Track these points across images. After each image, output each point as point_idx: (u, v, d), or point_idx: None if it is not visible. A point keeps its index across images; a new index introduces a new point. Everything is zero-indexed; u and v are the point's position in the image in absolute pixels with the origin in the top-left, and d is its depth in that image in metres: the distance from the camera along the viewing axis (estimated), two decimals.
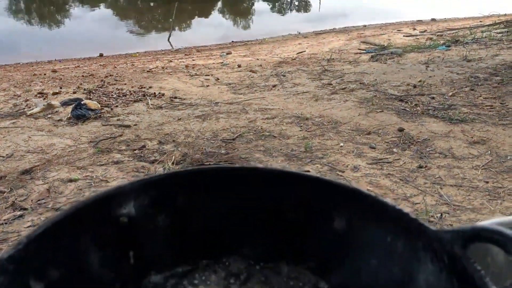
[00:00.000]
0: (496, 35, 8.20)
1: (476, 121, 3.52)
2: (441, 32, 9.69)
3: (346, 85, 4.81)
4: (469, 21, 11.70)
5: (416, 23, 11.59)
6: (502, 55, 5.66)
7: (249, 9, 15.32)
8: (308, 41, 9.42)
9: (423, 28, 10.59)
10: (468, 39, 7.72)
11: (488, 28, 9.78)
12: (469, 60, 5.52)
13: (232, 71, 6.22)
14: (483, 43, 7.01)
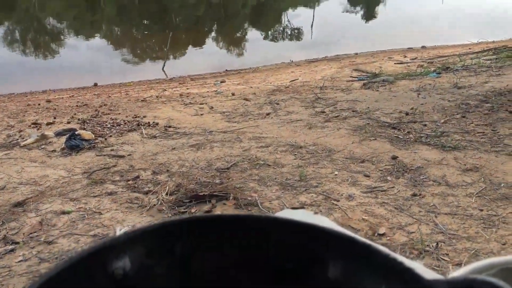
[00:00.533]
0: (485, 62, 8.36)
1: (469, 148, 3.55)
2: (432, 59, 9.86)
3: (339, 112, 4.86)
4: (459, 48, 11.93)
5: (406, 50, 11.80)
6: (492, 82, 5.75)
7: (242, 38, 15.56)
8: (301, 69, 9.54)
9: (413, 55, 10.78)
10: (458, 66, 7.85)
11: (477, 55, 9.97)
12: (459, 87, 5.61)
13: (226, 99, 6.26)
14: (472, 70, 7.13)
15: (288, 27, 18.86)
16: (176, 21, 17.53)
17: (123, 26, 15.42)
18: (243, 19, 20.34)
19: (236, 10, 22.39)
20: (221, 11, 21.64)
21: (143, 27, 15.81)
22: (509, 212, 2.58)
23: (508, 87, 5.40)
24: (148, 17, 17.64)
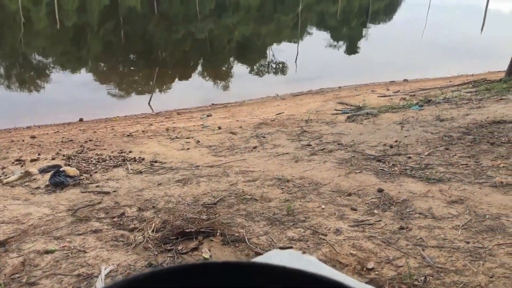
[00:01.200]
0: (465, 95, 8.57)
1: (453, 180, 3.60)
2: (414, 92, 10.08)
3: (325, 146, 4.90)
4: (440, 81, 12.24)
5: (389, 83, 12.06)
6: (473, 114, 5.88)
7: (228, 72, 15.75)
8: (286, 102, 9.66)
9: (396, 88, 11.01)
10: (440, 99, 8.03)
11: (457, 87, 10.23)
12: (442, 120, 5.72)
13: (212, 133, 6.28)
14: (454, 103, 7.29)
15: (273, 61, 19.20)
16: (163, 56, 17.72)
17: (109, 61, 15.53)
18: (229, 53, 20.66)
19: (222, 45, 22.75)
20: (207, 46, 21.96)
21: (130, 62, 15.93)
22: (495, 244, 2.59)
23: (488, 119, 5.53)
24: (134, 52, 17.81)
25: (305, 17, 35.83)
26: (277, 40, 25.21)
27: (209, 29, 27.10)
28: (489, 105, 6.46)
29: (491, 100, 6.99)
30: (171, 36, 23.10)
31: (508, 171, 3.73)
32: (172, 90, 11.69)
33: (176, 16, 31.17)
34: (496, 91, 8.16)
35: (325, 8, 42.06)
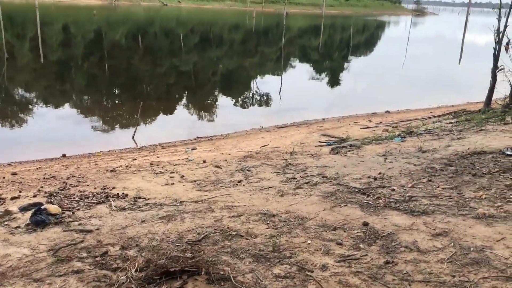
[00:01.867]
0: (446, 126, 8.74)
1: (437, 212, 3.62)
2: (396, 124, 10.25)
3: (310, 179, 4.91)
4: (421, 112, 12.48)
5: (371, 115, 12.24)
6: (454, 146, 5.99)
7: (213, 105, 15.84)
8: (271, 134, 9.72)
9: (378, 120, 11.19)
10: (422, 130, 8.18)
11: (438, 118, 10.44)
12: (424, 151, 5.81)
13: (197, 167, 6.26)
14: (435, 134, 7.43)
15: (257, 93, 19.42)
16: (147, 90, 17.78)
17: (93, 95, 15.51)
18: (213, 86, 20.84)
19: (207, 78, 22.97)
20: (191, 79, 22.14)
21: (114, 96, 15.95)
22: (481, 278, 2.60)
23: (469, 150, 5.63)
24: (118, 86, 17.85)
25: (288, 51, 36.53)
26: (261, 73, 25.58)
27: (194, 62, 27.42)
28: (470, 136, 6.59)
29: (471, 131, 7.14)
30: (155, 69, 23.27)
31: (490, 202, 3.78)
32: (156, 123, 11.68)
33: (161, 50, 31.48)
34: (475, 122, 8.35)
35: (307, 42, 42.98)
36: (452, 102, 14.36)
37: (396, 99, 15.76)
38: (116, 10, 62.64)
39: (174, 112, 13.54)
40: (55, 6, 58.42)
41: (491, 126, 7.18)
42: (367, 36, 54.50)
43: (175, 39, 38.29)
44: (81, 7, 61.54)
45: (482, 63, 14.17)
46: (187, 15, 65.52)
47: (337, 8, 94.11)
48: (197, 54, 30.47)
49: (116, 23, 45.96)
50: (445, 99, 14.07)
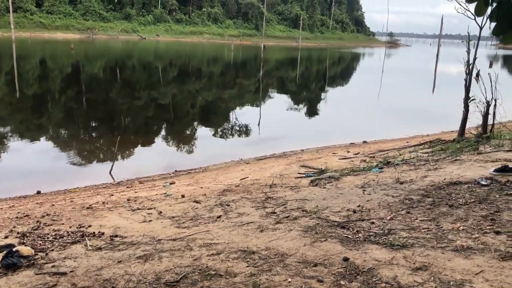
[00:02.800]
0: (422, 155, 8.89)
1: (416, 245, 3.63)
2: (373, 154, 10.37)
3: (290, 213, 4.89)
4: (397, 142, 12.68)
5: (349, 145, 12.38)
6: (431, 176, 6.07)
7: (192, 137, 15.80)
8: (250, 167, 9.71)
9: (356, 150, 11.31)
10: (398, 160, 8.28)
11: (414, 148, 10.61)
12: (401, 183, 5.87)
13: (175, 202, 6.18)
14: (412, 164, 7.53)
15: (236, 124, 19.51)
16: (125, 123, 17.67)
17: (70, 129, 15.31)
18: (192, 118, 20.86)
19: (185, 110, 23.00)
20: (170, 111, 22.13)
21: (91, 130, 15.77)
22: None
23: (445, 180, 5.72)
24: (96, 119, 17.70)
25: (266, 82, 37.00)
26: (240, 104, 25.77)
27: (172, 94, 27.48)
28: (445, 166, 6.70)
29: (447, 161, 7.27)
30: (133, 102, 23.22)
31: (468, 234, 3.81)
32: (134, 157, 11.56)
33: (139, 83, 31.51)
34: (450, 151, 8.51)
35: (285, 74, 43.66)
36: (427, 131, 14.68)
37: (372, 129, 16.04)
38: (93, 44, 62.79)
39: (152, 145, 13.44)
40: (32, 40, 58.27)
41: (466, 156, 7.33)
42: (343, 68, 55.74)
43: (153, 72, 38.46)
44: (58, 41, 61.51)
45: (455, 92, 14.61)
46: (166, 48, 66.09)
47: (312, 40, 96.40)
48: (176, 87, 30.59)
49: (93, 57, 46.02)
50: (420, 129, 14.37)
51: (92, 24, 72.95)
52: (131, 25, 77.87)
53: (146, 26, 79.86)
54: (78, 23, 72.67)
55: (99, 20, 75.52)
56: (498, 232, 3.75)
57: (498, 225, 3.95)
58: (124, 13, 79.13)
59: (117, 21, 77.52)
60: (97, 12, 75.90)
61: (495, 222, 4.02)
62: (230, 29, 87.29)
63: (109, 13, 78.33)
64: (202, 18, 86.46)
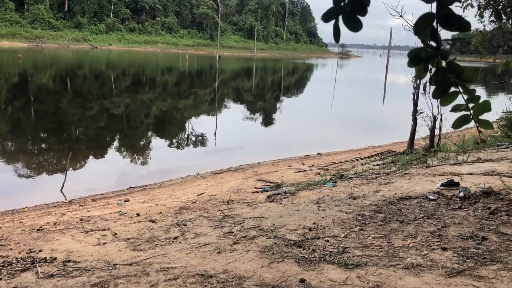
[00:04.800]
0: (374, 168, 9.19)
1: (369, 264, 3.75)
2: (327, 166, 10.62)
3: (247, 232, 4.92)
4: (350, 153, 13.04)
5: (304, 158, 12.60)
6: (382, 191, 6.29)
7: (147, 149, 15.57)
8: (207, 181, 9.68)
9: (311, 162, 11.53)
10: (351, 174, 8.52)
11: (367, 160, 10.95)
12: (354, 198, 6.04)
13: (130, 221, 6.06)
14: (364, 178, 7.76)
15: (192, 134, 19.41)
16: (76, 134, 17.17)
17: (17, 143, 14.69)
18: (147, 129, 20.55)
19: (140, 120, 22.64)
20: (123, 122, 21.71)
21: (40, 142, 15.20)
22: None
23: (396, 195, 5.94)
24: (45, 131, 17.09)
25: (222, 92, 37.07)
26: (196, 114, 25.69)
27: (126, 104, 26.98)
28: (396, 181, 6.97)
29: (397, 174, 7.55)
30: (85, 113, 22.62)
31: (417, 251, 3.99)
32: (86, 173, 11.24)
33: (91, 93, 30.75)
34: (401, 164, 8.86)
35: (240, 84, 43.91)
36: (379, 141, 15.19)
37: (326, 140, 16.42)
38: (42, 53, 60.63)
39: (105, 159, 13.13)
40: None
41: (415, 170, 7.64)
42: (297, 78, 56.71)
43: (106, 81, 37.63)
44: (4, 50, 58.96)
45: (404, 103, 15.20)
46: (118, 57, 64.84)
47: (267, 51, 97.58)
48: (129, 97, 30.07)
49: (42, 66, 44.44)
50: (372, 139, 14.86)
51: (40, 33, 70.49)
52: (82, 34, 75.89)
53: (98, 35, 78.08)
54: (25, 32, 70.04)
55: (48, 29, 73.11)
56: (444, 249, 3.94)
57: (445, 241, 4.15)
58: (74, 21, 77.07)
59: (67, 30, 75.36)
60: (46, 20, 73.48)
61: (442, 238, 4.23)
62: (185, 39, 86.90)
63: (58, 22, 76.04)
64: (156, 27, 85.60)
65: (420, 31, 1.41)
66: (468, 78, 1.53)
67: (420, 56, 1.50)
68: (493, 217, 4.70)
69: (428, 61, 1.49)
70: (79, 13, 78.05)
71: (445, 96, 1.56)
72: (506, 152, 8.06)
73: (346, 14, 1.36)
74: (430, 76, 1.57)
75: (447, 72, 1.51)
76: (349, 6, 1.34)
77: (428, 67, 1.52)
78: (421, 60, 1.49)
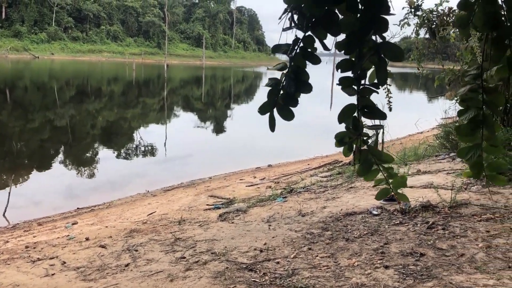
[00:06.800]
0: (322, 180, 9.50)
1: (317, 286, 3.92)
2: (278, 179, 10.84)
3: (199, 256, 4.97)
4: (299, 164, 13.36)
5: (255, 170, 12.77)
6: (329, 207, 6.54)
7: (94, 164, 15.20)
8: (158, 199, 9.61)
9: (262, 175, 11.72)
10: (300, 187, 8.77)
11: (315, 172, 11.28)
12: (303, 215, 6.24)
13: (79, 247, 5.94)
14: (313, 192, 8.02)
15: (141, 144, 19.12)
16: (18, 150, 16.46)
17: None
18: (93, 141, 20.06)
19: (85, 131, 22.04)
20: (68, 134, 21.07)
21: None
22: None
23: (342, 211, 6.20)
24: None
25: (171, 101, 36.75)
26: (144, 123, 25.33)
27: (70, 115, 26.18)
28: (342, 195, 7.25)
29: (343, 188, 7.86)
30: (26, 125, 21.75)
31: (362, 270, 4.20)
32: (31, 194, 10.81)
33: (32, 104, 29.58)
34: (347, 175, 9.19)
35: (190, 92, 43.71)
36: (327, 150, 15.60)
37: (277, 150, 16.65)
38: None
39: (51, 177, 12.72)
40: None
41: (360, 183, 7.97)
42: (247, 86, 57.17)
43: (48, 92, 36.31)
44: None
45: None
46: (61, 67, 62.66)
47: (216, 59, 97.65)
48: (73, 107, 29.20)
49: None
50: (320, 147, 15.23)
51: None
52: (21, 43, 72.50)
53: (39, 44, 74.90)
54: None
55: None
56: (387, 267, 4.18)
57: (387, 259, 4.40)
58: (13, 30, 73.51)
59: (5, 39, 71.73)
60: None
61: (385, 255, 4.48)
62: (131, 48, 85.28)
63: None
64: (100, 36, 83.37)
65: (343, 120, 1.61)
66: (387, 159, 1.77)
67: (344, 140, 1.71)
68: (431, 231, 5.03)
69: (352, 143, 1.70)
70: (18, 22, 74.60)
71: (368, 173, 1.77)
72: (443, 163, 8.58)
73: (280, 106, 1.51)
74: (354, 156, 1.75)
75: (368, 154, 1.71)
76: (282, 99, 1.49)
77: (353, 148, 1.72)
78: (346, 142, 1.71)
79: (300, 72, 1.52)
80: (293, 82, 1.49)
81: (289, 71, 1.51)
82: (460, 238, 4.71)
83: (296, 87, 1.51)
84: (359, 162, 1.75)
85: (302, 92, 1.57)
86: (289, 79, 1.50)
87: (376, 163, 1.77)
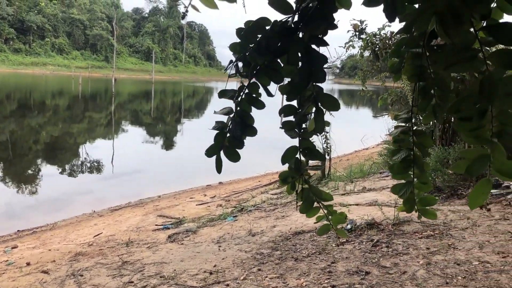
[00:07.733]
0: (272, 197, 9.62)
1: None
2: (228, 197, 10.85)
3: (147, 280, 4.89)
4: (250, 181, 13.43)
5: (206, 188, 12.72)
6: (279, 226, 6.63)
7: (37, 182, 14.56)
8: (105, 220, 9.34)
9: (212, 193, 11.69)
10: (251, 205, 8.83)
11: (266, 188, 11.39)
12: (253, 235, 6.29)
13: (20, 273, 5.67)
14: (263, 210, 8.10)
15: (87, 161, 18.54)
16: None
17: None
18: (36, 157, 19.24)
19: (27, 147, 21.11)
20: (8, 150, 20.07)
21: None
22: None
23: (291, 230, 6.30)
24: None
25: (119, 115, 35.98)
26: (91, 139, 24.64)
27: (11, 130, 25.01)
28: (291, 213, 7.37)
29: (293, 206, 7.99)
30: None
31: None
32: None
33: None
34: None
35: (138, 106, 42.98)
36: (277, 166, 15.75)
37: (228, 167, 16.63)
38: None
39: None
40: None
41: None
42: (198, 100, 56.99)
43: None
44: None
45: None
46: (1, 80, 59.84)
47: (166, 74, 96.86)
48: (14, 122, 27.94)
49: None
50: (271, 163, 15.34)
51: None
52: None
53: None
54: None
55: None
56: (333, 286, 4.30)
57: (334, 278, 4.52)
58: None
59: None
60: None
61: (332, 275, 4.60)
62: (78, 61, 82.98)
63: None
64: (45, 48, 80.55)
65: (286, 161, 1.72)
66: (326, 198, 1.89)
67: (288, 179, 1.82)
68: (375, 249, 5.22)
69: (295, 182, 1.80)
70: None
71: (309, 211, 1.88)
72: (387, 180, 8.94)
73: (226, 149, 1.57)
74: (297, 194, 1.85)
75: (310, 192, 1.82)
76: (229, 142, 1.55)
77: (295, 187, 1.82)
78: (289, 182, 1.82)
79: (246, 116, 1.59)
80: (239, 126, 1.56)
81: (235, 116, 1.58)
82: (402, 256, 4.92)
83: (242, 130, 1.58)
84: (301, 200, 1.84)
85: (248, 135, 1.65)
86: (235, 123, 1.57)
87: (317, 201, 1.88)
